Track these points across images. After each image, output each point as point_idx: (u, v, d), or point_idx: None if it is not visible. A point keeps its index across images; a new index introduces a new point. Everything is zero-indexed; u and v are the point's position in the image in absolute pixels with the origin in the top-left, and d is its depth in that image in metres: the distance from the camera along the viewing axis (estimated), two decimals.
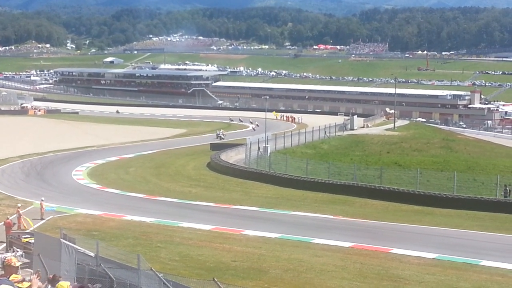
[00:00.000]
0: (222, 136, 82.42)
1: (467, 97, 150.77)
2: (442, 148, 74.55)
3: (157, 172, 56.85)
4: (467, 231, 33.74)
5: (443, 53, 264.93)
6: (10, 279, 8.50)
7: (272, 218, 37.41)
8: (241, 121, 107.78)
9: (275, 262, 27.37)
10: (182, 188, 49.28)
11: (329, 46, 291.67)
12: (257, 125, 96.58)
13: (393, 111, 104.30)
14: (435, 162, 62.14)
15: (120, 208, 39.93)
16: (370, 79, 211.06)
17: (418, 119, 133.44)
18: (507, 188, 43.35)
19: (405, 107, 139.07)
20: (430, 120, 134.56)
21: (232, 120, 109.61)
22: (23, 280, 9.89)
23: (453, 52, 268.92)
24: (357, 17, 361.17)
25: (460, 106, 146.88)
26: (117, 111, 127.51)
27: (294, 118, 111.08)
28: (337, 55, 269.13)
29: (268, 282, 24.17)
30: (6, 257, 11.08)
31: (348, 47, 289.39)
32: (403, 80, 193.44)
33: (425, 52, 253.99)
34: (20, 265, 10.19)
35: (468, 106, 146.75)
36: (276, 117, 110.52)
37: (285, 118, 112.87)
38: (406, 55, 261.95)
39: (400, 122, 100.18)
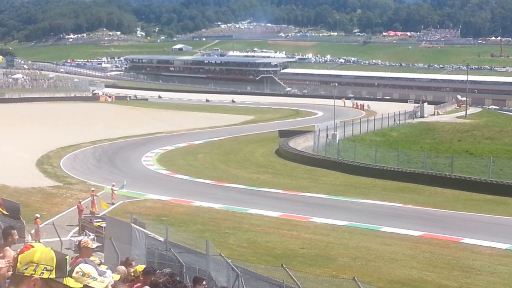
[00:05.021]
0: None
1: None
2: None
3: (225, 159, 57.19)
4: None
5: None
6: None
7: (341, 206, 37.24)
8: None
9: (343, 250, 27.24)
10: (250, 175, 49.46)
11: (399, 33, 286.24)
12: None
13: (465, 98, 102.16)
14: (509, 151, 60.60)
15: (189, 194, 40.37)
16: (441, 66, 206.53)
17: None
18: None
19: (478, 94, 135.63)
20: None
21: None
22: (100, 263, 10.07)
23: None
24: (428, 3, 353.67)
25: None
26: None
27: (363, 105, 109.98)
28: (407, 42, 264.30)
29: (336, 269, 24.05)
30: (81, 239, 11.23)
31: (418, 33, 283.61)
32: (476, 66, 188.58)
33: (499, 38, 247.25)
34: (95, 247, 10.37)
35: None
36: (344, 104, 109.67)
37: (352, 105, 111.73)
38: (479, 41, 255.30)
39: (472, 110, 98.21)
